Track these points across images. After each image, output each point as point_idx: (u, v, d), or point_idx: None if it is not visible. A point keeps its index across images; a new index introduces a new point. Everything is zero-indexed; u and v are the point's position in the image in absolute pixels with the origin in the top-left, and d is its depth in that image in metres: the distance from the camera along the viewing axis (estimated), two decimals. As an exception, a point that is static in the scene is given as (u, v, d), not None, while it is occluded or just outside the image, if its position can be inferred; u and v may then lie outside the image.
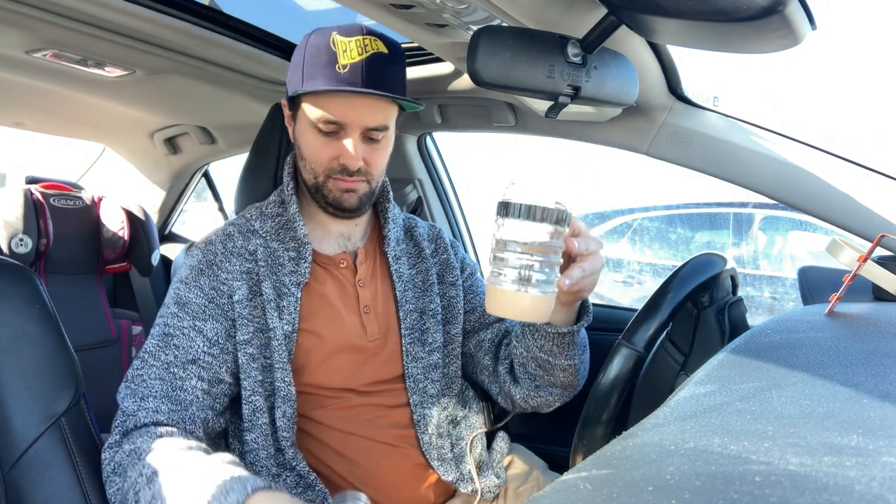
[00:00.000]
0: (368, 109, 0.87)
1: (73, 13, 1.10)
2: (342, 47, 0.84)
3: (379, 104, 0.87)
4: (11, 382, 0.76)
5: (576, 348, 0.89)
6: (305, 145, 0.91)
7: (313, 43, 0.87)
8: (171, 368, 0.83)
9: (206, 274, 0.89)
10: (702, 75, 1.20)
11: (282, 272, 0.90)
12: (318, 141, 0.88)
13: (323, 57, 0.85)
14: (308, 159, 0.91)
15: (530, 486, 1.01)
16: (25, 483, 0.74)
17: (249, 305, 0.87)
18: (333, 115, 0.85)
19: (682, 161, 1.18)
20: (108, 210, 1.75)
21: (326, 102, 0.85)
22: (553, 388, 0.94)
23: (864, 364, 0.45)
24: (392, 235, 1.00)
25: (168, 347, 0.84)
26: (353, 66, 0.83)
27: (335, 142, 0.88)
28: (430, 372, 0.96)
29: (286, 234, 0.93)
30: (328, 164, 0.89)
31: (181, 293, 0.87)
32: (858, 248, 0.76)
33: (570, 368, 0.90)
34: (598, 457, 0.31)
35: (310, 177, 0.92)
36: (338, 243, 0.98)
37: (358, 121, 0.86)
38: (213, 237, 0.93)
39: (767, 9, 0.57)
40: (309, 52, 0.86)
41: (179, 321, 0.85)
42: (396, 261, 0.99)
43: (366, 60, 0.84)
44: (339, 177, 0.89)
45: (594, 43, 0.81)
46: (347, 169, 0.88)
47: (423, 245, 1.04)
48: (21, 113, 1.83)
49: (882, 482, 0.23)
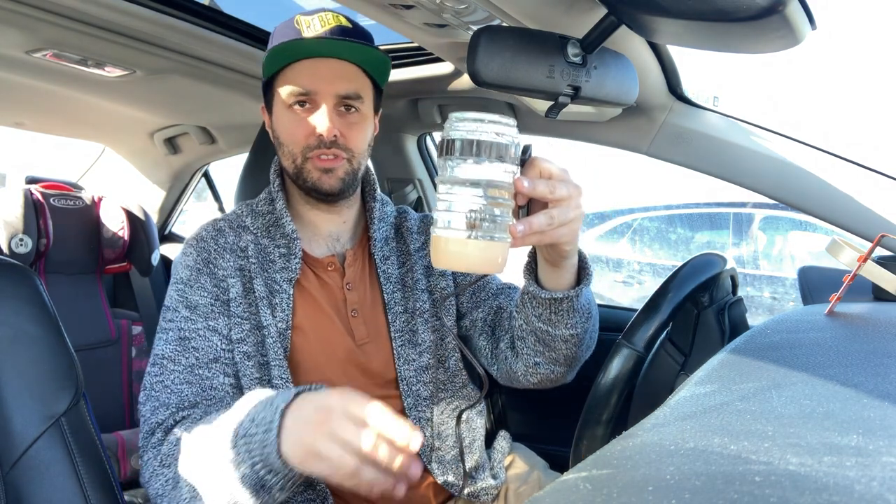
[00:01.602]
0: (337, 75, 0.87)
1: (73, 13, 1.10)
2: (305, 24, 0.86)
3: (348, 71, 0.88)
4: (11, 382, 0.76)
5: (577, 315, 0.80)
6: (281, 129, 0.90)
7: (278, 29, 0.90)
8: (195, 371, 0.83)
9: (204, 273, 0.89)
10: (702, 75, 1.20)
11: (272, 269, 0.90)
12: (293, 119, 0.88)
13: (286, 35, 0.87)
14: (285, 142, 0.90)
15: (531, 486, 1.01)
16: (25, 483, 0.74)
17: (244, 303, 0.87)
18: (302, 85, 0.86)
19: (682, 161, 1.18)
20: (108, 210, 1.75)
21: (294, 74, 0.87)
22: (556, 364, 0.87)
23: (864, 364, 0.45)
24: (378, 236, 0.98)
25: (187, 351, 0.84)
26: (319, 36, 0.85)
27: (308, 117, 0.87)
28: (421, 374, 0.94)
29: (276, 230, 0.93)
30: (304, 142, 0.87)
31: (187, 295, 0.87)
32: (858, 248, 0.76)
33: (572, 339, 0.83)
34: (598, 457, 0.31)
35: (289, 162, 0.90)
36: (326, 245, 0.97)
37: (329, 88, 0.86)
38: (203, 233, 0.93)
39: (767, 9, 0.57)
40: (274, 38, 0.89)
41: (193, 324, 0.85)
42: (384, 261, 0.97)
43: (328, 31, 0.86)
44: (315, 153, 0.87)
45: (594, 43, 0.81)
46: (324, 141, 0.86)
47: (411, 240, 1.01)
48: (21, 113, 1.83)
49: (882, 482, 0.23)
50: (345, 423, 0.61)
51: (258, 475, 0.65)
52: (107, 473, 0.80)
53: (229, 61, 1.36)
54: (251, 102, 1.58)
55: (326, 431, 0.61)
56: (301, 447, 0.62)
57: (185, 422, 0.79)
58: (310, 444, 0.61)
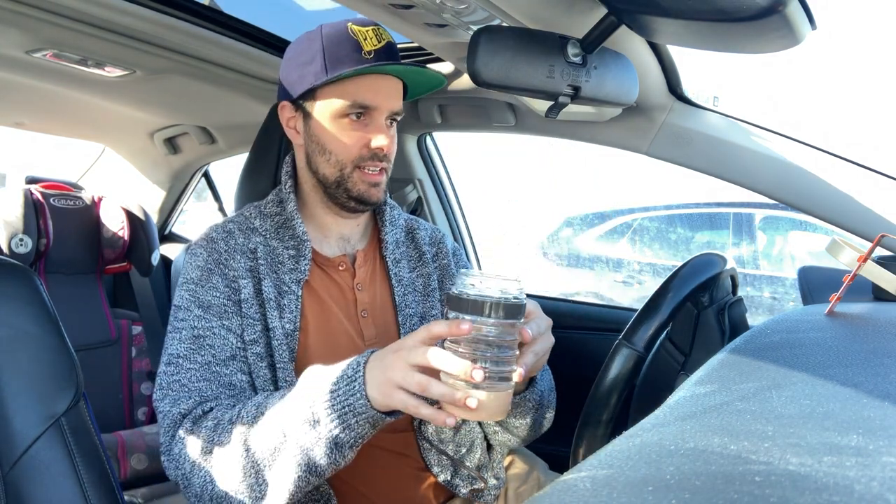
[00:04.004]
0: (393, 93, 0.90)
1: (73, 13, 1.10)
2: (362, 35, 0.87)
3: (398, 89, 0.91)
4: (11, 382, 0.76)
5: (528, 408, 0.87)
6: (329, 138, 0.90)
7: (330, 33, 0.88)
8: (212, 368, 0.83)
9: (216, 273, 0.88)
10: (702, 75, 1.20)
11: (282, 270, 0.90)
12: (347, 130, 0.88)
13: (346, 45, 0.86)
14: (335, 151, 0.90)
15: (530, 487, 1.01)
16: (25, 483, 0.74)
17: (255, 304, 0.87)
18: (365, 99, 0.87)
19: (682, 161, 1.18)
20: (108, 210, 1.75)
21: (356, 88, 0.87)
22: (514, 436, 0.95)
23: (864, 364, 0.45)
24: (390, 238, 0.99)
25: (202, 349, 0.84)
26: (378, 51, 0.87)
27: (361, 130, 0.89)
28: None
29: (285, 232, 0.93)
30: (358, 153, 0.89)
31: (198, 295, 0.87)
32: (858, 248, 0.76)
33: (524, 426, 0.90)
34: (598, 457, 0.31)
35: (334, 171, 0.90)
36: (337, 245, 0.97)
37: (387, 104, 0.89)
38: (213, 234, 0.93)
39: (767, 9, 0.58)
40: (328, 42, 0.87)
41: (207, 322, 0.85)
42: (396, 264, 0.98)
43: (385, 46, 0.88)
44: (367, 164, 0.89)
45: (594, 43, 0.81)
46: (378, 155, 0.89)
47: (425, 248, 1.03)
48: (21, 113, 1.83)
49: (882, 482, 0.23)
50: (417, 350, 0.65)
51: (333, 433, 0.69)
52: (107, 473, 0.80)
53: (229, 61, 1.36)
54: (251, 102, 1.58)
55: (402, 362, 0.66)
56: (384, 383, 0.67)
57: (217, 410, 0.79)
58: (390, 376, 0.66)
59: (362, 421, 0.69)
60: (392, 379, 0.66)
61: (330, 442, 0.69)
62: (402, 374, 0.65)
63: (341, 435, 0.69)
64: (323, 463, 0.70)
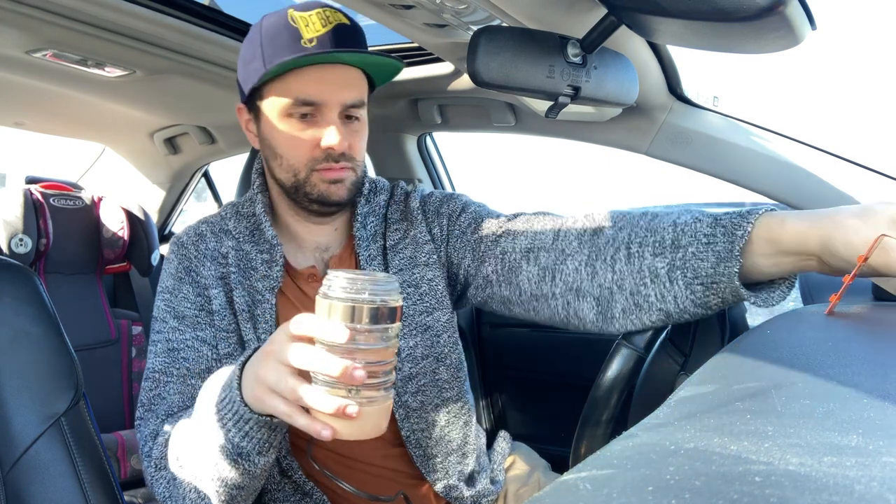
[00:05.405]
0: (344, 83, 0.80)
1: (73, 13, 1.10)
2: (303, 22, 0.77)
3: (353, 77, 0.81)
4: (11, 382, 0.76)
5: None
6: (279, 140, 0.82)
7: (268, 24, 0.79)
8: (187, 380, 0.81)
9: (186, 281, 0.85)
10: (702, 75, 1.20)
11: (254, 277, 0.85)
12: (294, 131, 0.80)
13: (284, 35, 0.77)
14: (285, 155, 0.82)
15: (531, 488, 1.00)
16: (25, 483, 0.74)
17: (228, 314, 0.84)
18: (308, 94, 0.78)
19: (682, 161, 1.19)
20: (108, 210, 1.75)
21: (298, 83, 0.78)
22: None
23: (864, 364, 0.45)
24: (364, 234, 0.91)
25: (177, 361, 0.82)
26: (321, 38, 0.77)
27: (312, 128, 0.80)
28: (406, 384, 0.87)
29: (259, 235, 0.87)
30: (309, 155, 0.81)
31: (173, 305, 0.84)
32: (858, 248, 0.75)
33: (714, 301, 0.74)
34: (598, 457, 0.31)
35: (288, 176, 0.83)
36: (312, 255, 0.91)
37: (336, 98, 0.79)
38: (184, 238, 0.89)
39: (767, 9, 0.58)
40: (266, 35, 0.79)
41: (181, 334, 0.83)
42: (370, 261, 0.89)
43: (332, 31, 0.77)
44: (323, 167, 0.81)
45: (594, 43, 0.81)
46: (332, 155, 0.80)
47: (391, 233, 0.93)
48: (21, 113, 1.83)
49: (882, 482, 0.23)
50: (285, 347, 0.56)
51: (232, 442, 0.63)
52: (107, 473, 0.80)
53: (229, 61, 1.36)
54: (251, 102, 1.58)
55: (273, 360, 0.57)
56: (256, 385, 0.59)
57: (169, 420, 0.78)
58: (262, 377, 0.58)
59: (255, 427, 0.62)
60: (265, 381, 0.57)
61: (230, 452, 0.63)
62: (276, 377, 0.56)
63: (242, 444, 0.63)
64: (232, 475, 0.65)
